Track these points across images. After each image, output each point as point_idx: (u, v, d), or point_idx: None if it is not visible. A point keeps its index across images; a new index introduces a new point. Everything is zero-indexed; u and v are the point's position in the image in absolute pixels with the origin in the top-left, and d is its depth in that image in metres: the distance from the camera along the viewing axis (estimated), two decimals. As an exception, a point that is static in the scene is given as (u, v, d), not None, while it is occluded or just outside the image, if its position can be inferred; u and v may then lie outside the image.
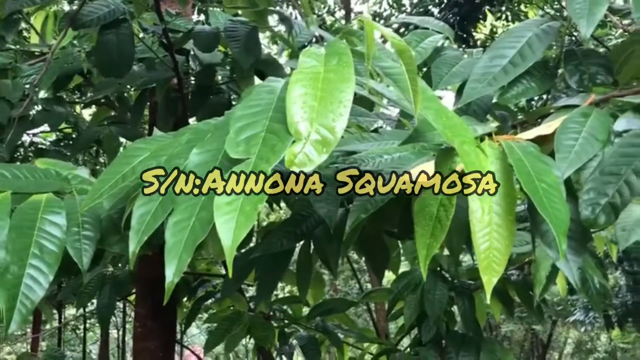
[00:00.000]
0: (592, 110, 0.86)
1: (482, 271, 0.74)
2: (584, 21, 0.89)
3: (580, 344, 13.42)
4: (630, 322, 9.80)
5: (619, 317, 9.40)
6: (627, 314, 9.24)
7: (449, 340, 1.91)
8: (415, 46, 1.15)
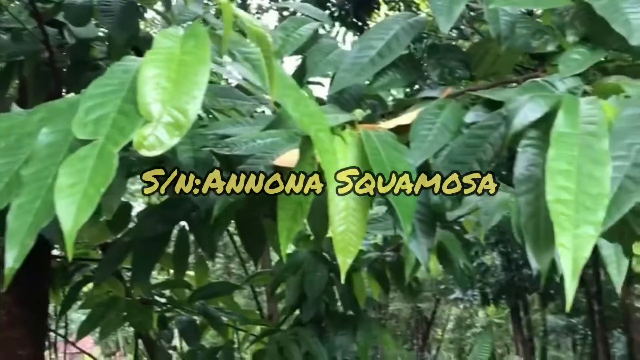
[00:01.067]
0: (447, 103, 0.92)
1: (338, 252, 0.78)
2: (443, 18, 0.94)
3: (461, 320, 14.40)
4: (504, 299, 10.66)
5: (494, 295, 10.20)
6: (501, 292, 10.04)
7: (328, 319, 1.97)
8: (292, 32, 1.17)
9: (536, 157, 0.68)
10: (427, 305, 12.93)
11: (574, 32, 0.90)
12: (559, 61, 0.85)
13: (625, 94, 0.70)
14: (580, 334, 13.15)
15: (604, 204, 0.56)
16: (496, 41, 0.93)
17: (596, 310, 9.90)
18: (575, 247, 0.54)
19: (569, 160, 0.60)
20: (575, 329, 13.16)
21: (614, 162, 0.60)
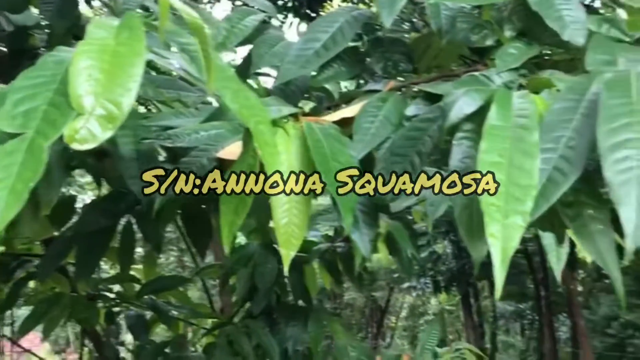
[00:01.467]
0: (390, 96, 0.94)
1: (281, 245, 0.78)
2: (385, 11, 0.95)
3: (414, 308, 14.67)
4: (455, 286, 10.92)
5: (446, 282, 10.43)
6: (452, 279, 10.28)
7: (280, 311, 1.98)
8: (237, 24, 1.16)
9: (470, 149, 0.70)
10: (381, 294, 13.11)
11: (511, 27, 0.93)
12: (496, 55, 0.87)
13: (557, 88, 0.72)
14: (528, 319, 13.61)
15: (532, 194, 0.59)
16: (437, 35, 0.95)
17: (543, 295, 10.27)
18: (505, 237, 0.56)
19: (500, 152, 0.62)
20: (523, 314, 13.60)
21: (543, 154, 0.62)
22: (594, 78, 0.67)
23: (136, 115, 1.12)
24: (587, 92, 0.66)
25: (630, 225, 0.52)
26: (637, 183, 0.53)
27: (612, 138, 0.56)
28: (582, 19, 0.85)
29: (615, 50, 0.80)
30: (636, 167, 0.54)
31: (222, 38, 1.13)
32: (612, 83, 0.62)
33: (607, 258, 0.61)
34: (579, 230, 0.64)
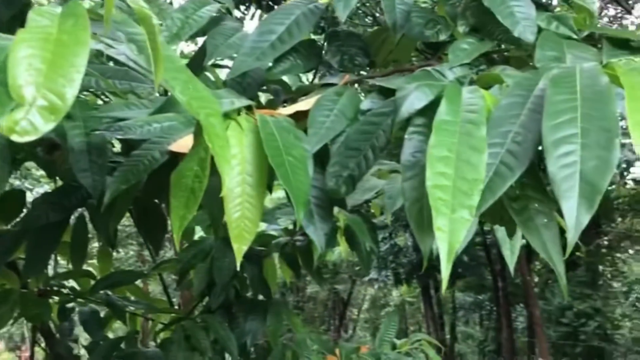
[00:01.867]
0: (345, 90, 0.94)
1: (233, 240, 0.78)
2: (341, 5, 0.95)
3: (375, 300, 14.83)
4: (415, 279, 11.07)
5: (407, 274, 10.57)
6: (413, 271, 10.42)
7: (238, 305, 1.96)
8: (192, 14, 1.13)
9: (422, 143, 0.70)
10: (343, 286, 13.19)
11: (465, 22, 0.94)
12: (449, 51, 0.88)
13: (506, 83, 0.74)
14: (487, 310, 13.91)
15: (479, 188, 0.59)
16: (391, 30, 0.95)
17: (500, 287, 10.52)
18: (451, 231, 0.57)
19: (449, 147, 0.63)
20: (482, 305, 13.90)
21: (490, 149, 0.63)
22: (542, 74, 0.68)
23: (87, 107, 1.09)
24: (534, 87, 0.67)
25: (572, 219, 0.53)
26: (579, 178, 0.54)
27: (555, 133, 0.58)
28: (532, 16, 0.87)
29: (563, 47, 0.81)
30: (578, 162, 0.55)
31: (176, 29, 1.11)
32: (557, 79, 0.63)
33: (552, 251, 0.63)
34: (524, 223, 0.65)
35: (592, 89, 0.61)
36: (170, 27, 1.11)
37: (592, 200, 0.53)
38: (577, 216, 0.53)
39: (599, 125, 0.57)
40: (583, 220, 0.53)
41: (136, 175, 0.90)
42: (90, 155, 1.02)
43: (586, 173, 0.55)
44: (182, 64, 0.69)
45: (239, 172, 0.78)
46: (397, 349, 2.24)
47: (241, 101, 0.85)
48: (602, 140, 0.56)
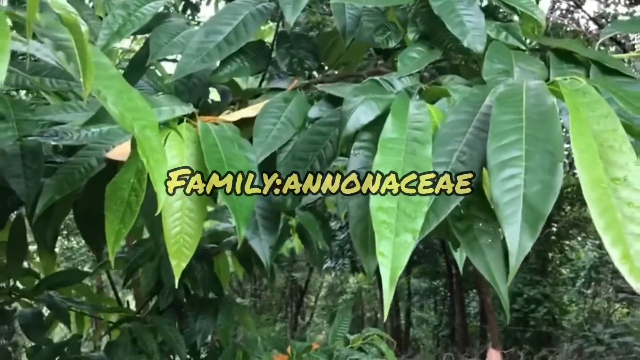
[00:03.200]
0: (294, 96, 0.91)
1: (171, 256, 0.74)
2: (289, 7, 0.92)
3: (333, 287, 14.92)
4: (372, 267, 11.19)
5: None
6: (370, 260, 10.52)
7: (189, 304, 1.93)
8: (135, 10, 1.08)
9: (368, 159, 0.69)
10: (301, 274, 13.22)
11: (415, 29, 0.92)
12: (398, 59, 0.86)
13: (453, 99, 0.72)
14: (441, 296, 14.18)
15: (423, 211, 0.58)
16: (341, 35, 0.93)
17: (454, 273, 10.74)
18: (394, 256, 0.55)
19: (394, 166, 0.61)
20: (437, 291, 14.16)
21: (435, 168, 0.61)
22: (489, 90, 0.67)
23: (21, 108, 1.02)
24: (481, 104, 0.66)
25: (514, 245, 0.52)
26: (523, 202, 0.54)
27: (500, 155, 0.57)
28: (481, 26, 0.86)
29: (512, 60, 0.81)
30: (522, 186, 0.54)
31: (117, 26, 1.05)
32: (503, 98, 0.62)
33: (495, 273, 0.62)
34: (468, 244, 0.64)
35: (537, 109, 0.60)
36: (111, 25, 1.05)
37: (535, 226, 0.53)
38: (520, 242, 0.52)
39: (543, 148, 0.56)
40: (526, 246, 0.53)
41: (71, 185, 0.85)
42: (23, 159, 0.97)
43: (530, 198, 0.54)
44: (115, 72, 0.65)
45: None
46: (350, 345, 2.25)
47: (182, 109, 0.81)
48: (546, 164, 0.55)
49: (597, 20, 6.90)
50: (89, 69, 0.59)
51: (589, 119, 0.58)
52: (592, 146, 0.56)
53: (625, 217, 0.53)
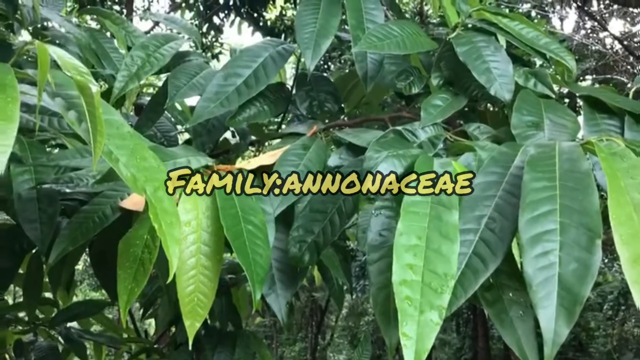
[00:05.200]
0: (313, 143, 0.88)
1: (185, 316, 0.71)
2: (309, 52, 0.89)
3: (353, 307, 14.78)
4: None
5: (384, 284, 10.52)
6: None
7: (207, 337, 1.90)
8: (154, 51, 1.07)
9: (390, 220, 0.65)
10: (321, 294, 13.13)
11: (439, 75, 0.89)
12: (421, 106, 0.83)
13: (479, 155, 0.69)
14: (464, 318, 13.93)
15: (450, 286, 0.54)
16: (362, 81, 0.90)
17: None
18: (419, 337, 0.52)
19: (418, 233, 0.57)
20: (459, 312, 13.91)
21: (462, 235, 0.58)
22: (518, 149, 0.63)
23: (39, 150, 1.01)
24: (511, 165, 0.62)
25: (550, 332, 0.48)
26: (558, 283, 0.50)
27: (533, 229, 0.53)
28: (509, 73, 0.82)
29: (542, 110, 0.77)
30: (557, 265, 0.50)
31: (136, 68, 1.04)
32: (535, 161, 0.59)
33: (527, 350, 0.58)
34: (498, 316, 0.60)
35: (572, 175, 0.56)
36: (130, 67, 1.04)
37: (571, 310, 0.49)
38: (556, 329, 0.48)
39: (579, 221, 0.52)
40: (562, 333, 0.48)
41: (85, 235, 0.83)
42: (39, 203, 0.95)
43: (565, 278, 0.50)
44: (127, 130, 0.63)
45: (193, 241, 0.72)
46: (370, 380, 2.19)
47: (198, 160, 0.78)
48: (582, 240, 0.51)
49: (623, 40, 6.80)
50: (101, 132, 0.57)
51: (628, 187, 0.54)
52: (633, 218, 0.52)
53: (670, 298, 0.49)
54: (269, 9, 6.87)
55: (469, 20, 0.90)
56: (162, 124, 1.27)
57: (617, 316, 8.67)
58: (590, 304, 10.11)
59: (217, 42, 6.82)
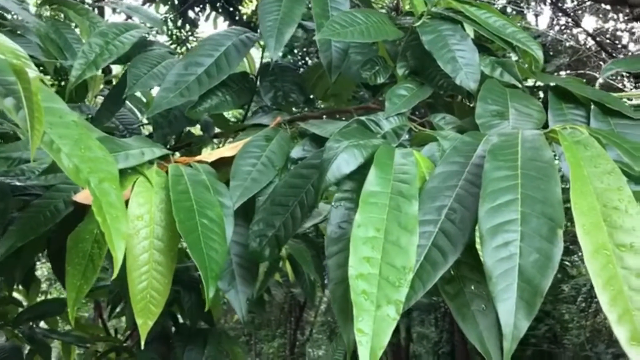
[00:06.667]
0: (276, 134, 0.85)
1: (137, 314, 0.68)
2: (272, 40, 0.87)
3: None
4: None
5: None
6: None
7: (177, 334, 1.86)
8: (113, 39, 1.03)
9: (350, 212, 0.63)
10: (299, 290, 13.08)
11: (404, 64, 0.87)
12: (385, 97, 0.80)
13: (442, 147, 0.66)
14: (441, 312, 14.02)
15: (408, 279, 0.52)
16: (326, 70, 0.87)
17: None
18: (375, 333, 0.49)
19: (377, 225, 0.55)
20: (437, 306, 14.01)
21: (422, 227, 0.56)
22: (481, 139, 0.61)
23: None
24: (472, 155, 0.60)
25: (509, 326, 0.46)
26: (517, 275, 0.48)
27: (493, 219, 0.51)
28: (475, 62, 0.80)
29: (507, 100, 0.75)
30: (517, 256, 0.48)
31: (94, 56, 1.00)
32: (497, 150, 0.57)
33: (489, 347, 0.56)
34: (459, 310, 0.58)
35: (534, 163, 0.54)
36: (88, 54, 1.00)
37: (532, 303, 0.47)
38: (515, 322, 0.46)
39: (541, 210, 0.51)
40: (521, 327, 0.47)
41: (35, 231, 0.79)
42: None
43: (526, 269, 0.48)
44: (71, 119, 0.59)
45: (146, 236, 0.68)
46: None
47: (153, 151, 0.75)
48: (544, 230, 0.49)
49: (596, 36, 6.88)
50: (39, 120, 0.53)
51: (591, 175, 0.53)
52: (595, 207, 0.51)
53: (632, 290, 0.47)
54: (245, 3, 6.80)
55: (435, 8, 0.88)
56: (125, 116, 1.23)
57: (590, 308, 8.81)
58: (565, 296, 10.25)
59: (192, 36, 6.72)
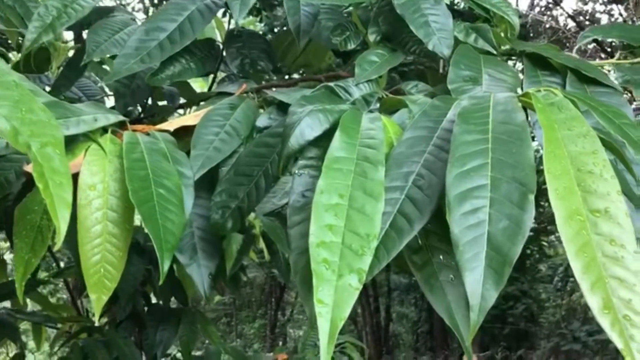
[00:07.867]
0: (241, 102, 0.81)
1: (90, 288, 0.64)
2: (237, 4, 0.82)
3: (312, 283, 14.84)
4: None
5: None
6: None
7: (150, 314, 1.82)
8: (72, 2, 0.97)
9: (314, 180, 0.59)
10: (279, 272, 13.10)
11: (376, 30, 0.83)
12: (356, 62, 0.77)
13: (412, 113, 0.63)
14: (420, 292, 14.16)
15: (372, 247, 0.49)
16: (295, 35, 0.83)
17: (433, 270, 10.71)
18: (336, 304, 0.46)
19: (341, 191, 0.52)
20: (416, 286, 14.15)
21: (388, 193, 0.53)
22: (452, 103, 0.58)
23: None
24: (442, 119, 0.57)
25: (476, 296, 0.43)
26: (486, 243, 0.45)
27: (461, 184, 0.48)
28: (449, 27, 0.77)
29: (481, 65, 0.72)
30: (486, 223, 0.46)
31: (50, 19, 0.94)
32: (467, 113, 0.54)
33: (458, 318, 0.53)
34: (426, 280, 0.55)
35: (505, 127, 0.52)
36: (44, 17, 0.94)
37: (501, 272, 0.44)
38: (483, 292, 0.44)
39: (512, 175, 0.48)
40: (489, 297, 0.44)
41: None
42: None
43: (495, 237, 0.45)
44: (11, 79, 0.55)
45: (99, 207, 0.64)
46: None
47: (107, 117, 0.70)
48: (514, 196, 0.47)
49: (576, 17, 6.89)
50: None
51: (565, 138, 0.50)
52: (569, 171, 0.48)
53: (606, 257, 0.45)
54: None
55: (409, -28, 0.85)
56: (87, 87, 1.18)
57: (567, 287, 8.96)
58: (542, 276, 10.42)
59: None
